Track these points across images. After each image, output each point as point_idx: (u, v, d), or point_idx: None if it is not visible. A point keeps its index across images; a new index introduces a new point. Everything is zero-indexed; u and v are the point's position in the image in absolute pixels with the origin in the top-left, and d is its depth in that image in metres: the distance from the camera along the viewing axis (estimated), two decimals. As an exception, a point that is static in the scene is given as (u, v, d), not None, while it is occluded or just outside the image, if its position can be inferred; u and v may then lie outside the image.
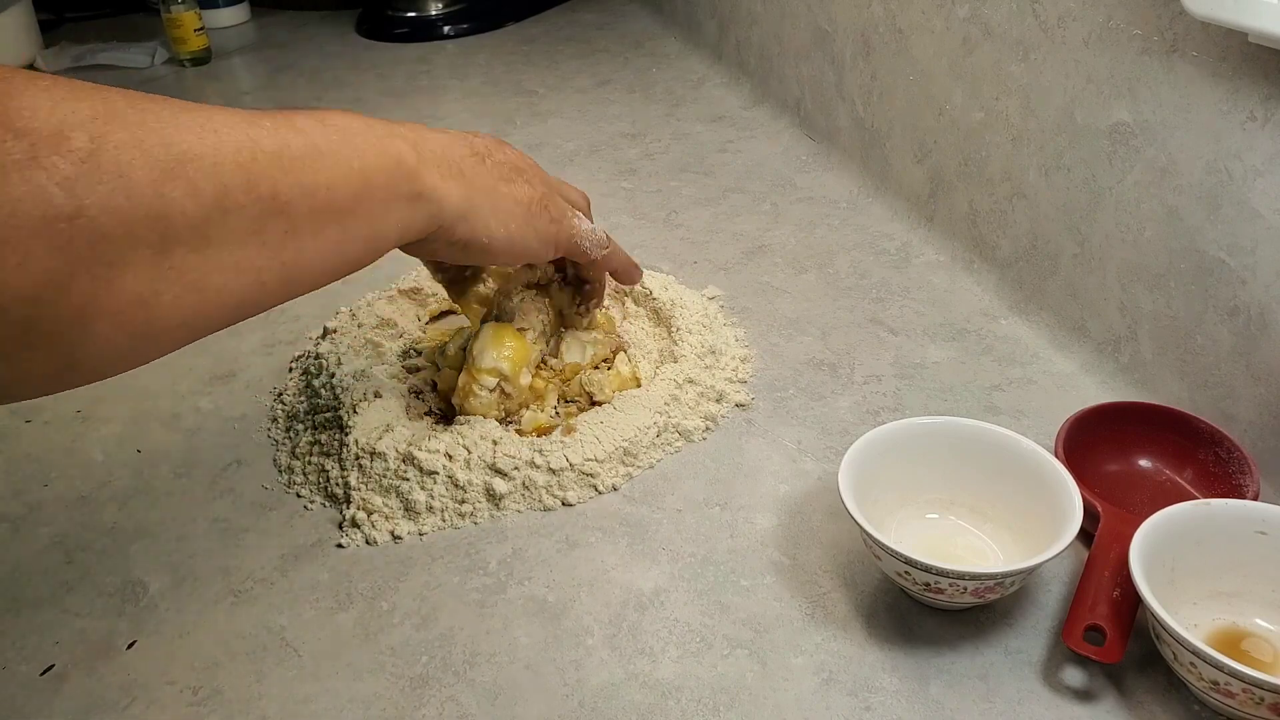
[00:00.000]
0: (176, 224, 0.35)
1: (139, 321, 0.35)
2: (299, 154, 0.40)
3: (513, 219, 0.51)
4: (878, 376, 0.65)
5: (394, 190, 0.44)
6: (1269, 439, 0.53)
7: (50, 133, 0.31)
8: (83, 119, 0.32)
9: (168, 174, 0.34)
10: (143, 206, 0.33)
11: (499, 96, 1.21)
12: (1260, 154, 0.51)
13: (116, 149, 0.33)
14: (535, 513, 0.56)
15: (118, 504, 0.58)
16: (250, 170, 0.37)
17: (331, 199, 0.41)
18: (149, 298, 0.35)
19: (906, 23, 0.81)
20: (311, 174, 0.40)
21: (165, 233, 0.34)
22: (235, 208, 0.37)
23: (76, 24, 1.62)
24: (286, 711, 0.45)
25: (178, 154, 0.35)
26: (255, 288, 0.39)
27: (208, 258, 0.36)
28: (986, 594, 0.45)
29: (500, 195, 0.50)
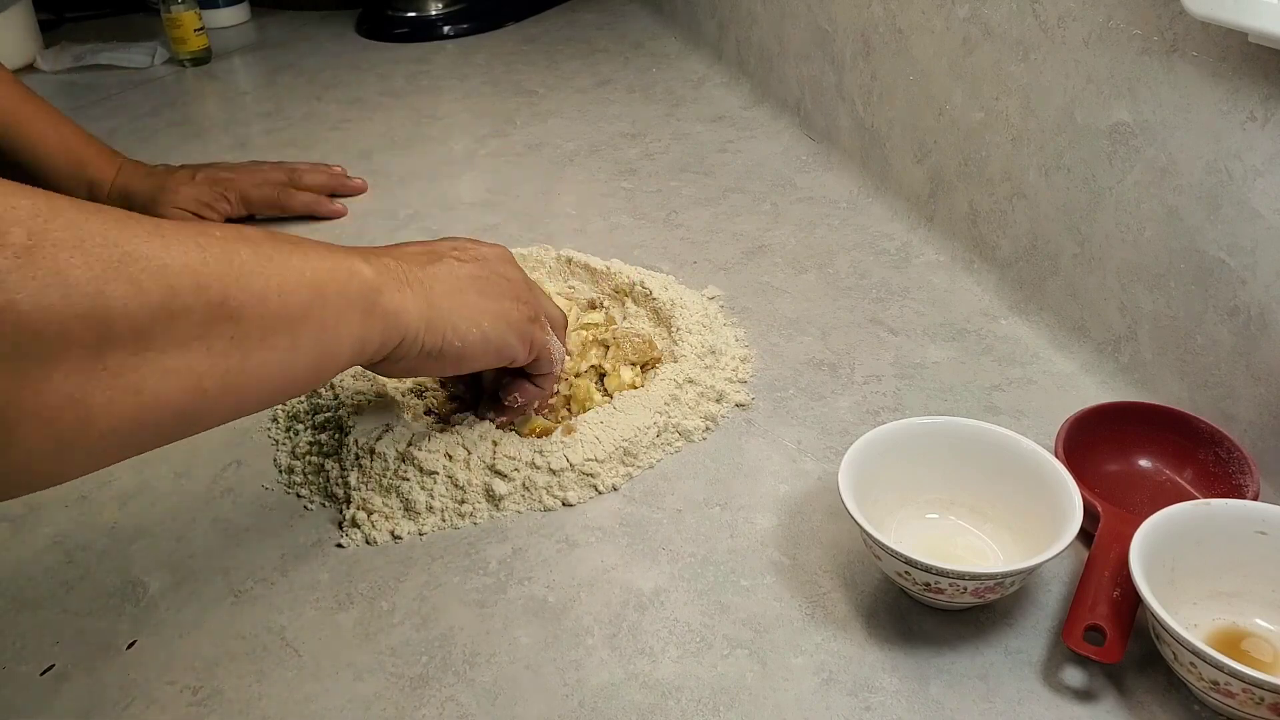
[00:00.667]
0: (116, 325, 0.33)
1: (68, 425, 0.33)
2: (249, 260, 0.38)
3: (485, 317, 0.50)
4: (878, 376, 0.65)
5: (348, 301, 0.43)
6: (1269, 439, 0.53)
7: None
8: (22, 216, 0.31)
9: (111, 272, 0.33)
10: (80, 305, 0.32)
11: (499, 96, 1.21)
12: (1260, 154, 0.51)
13: (55, 246, 0.32)
14: (535, 513, 0.56)
15: (118, 504, 0.58)
16: (200, 273, 0.36)
17: (283, 306, 0.39)
18: (80, 399, 0.33)
19: (906, 23, 0.81)
20: (263, 279, 0.39)
21: (103, 333, 0.33)
22: (182, 310, 0.35)
23: (76, 24, 1.62)
24: (286, 711, 0.45)
25: (122, 254, 0.33)
26: (195, 395, 0.37)
27: (147, 360, 0.35)
28: (986, 594, 0.45)
29: (467, 295, 0.49)
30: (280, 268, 0.40)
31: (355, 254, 0.45)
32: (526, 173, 0.99)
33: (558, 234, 0.85)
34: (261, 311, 0.39)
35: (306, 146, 1.09)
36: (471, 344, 0.49)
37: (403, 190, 0.97)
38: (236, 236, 0.39)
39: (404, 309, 0.46)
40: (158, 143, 1.12)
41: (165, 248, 0.35)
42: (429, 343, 0.48)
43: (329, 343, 0.42)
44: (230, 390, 0.38)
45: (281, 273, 0.40)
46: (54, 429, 0.33)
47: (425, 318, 0.47)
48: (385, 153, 1.06)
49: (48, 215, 0.32)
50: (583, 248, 0.77)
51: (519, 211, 0.91)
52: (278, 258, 0.40)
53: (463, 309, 0.49)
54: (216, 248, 0.37)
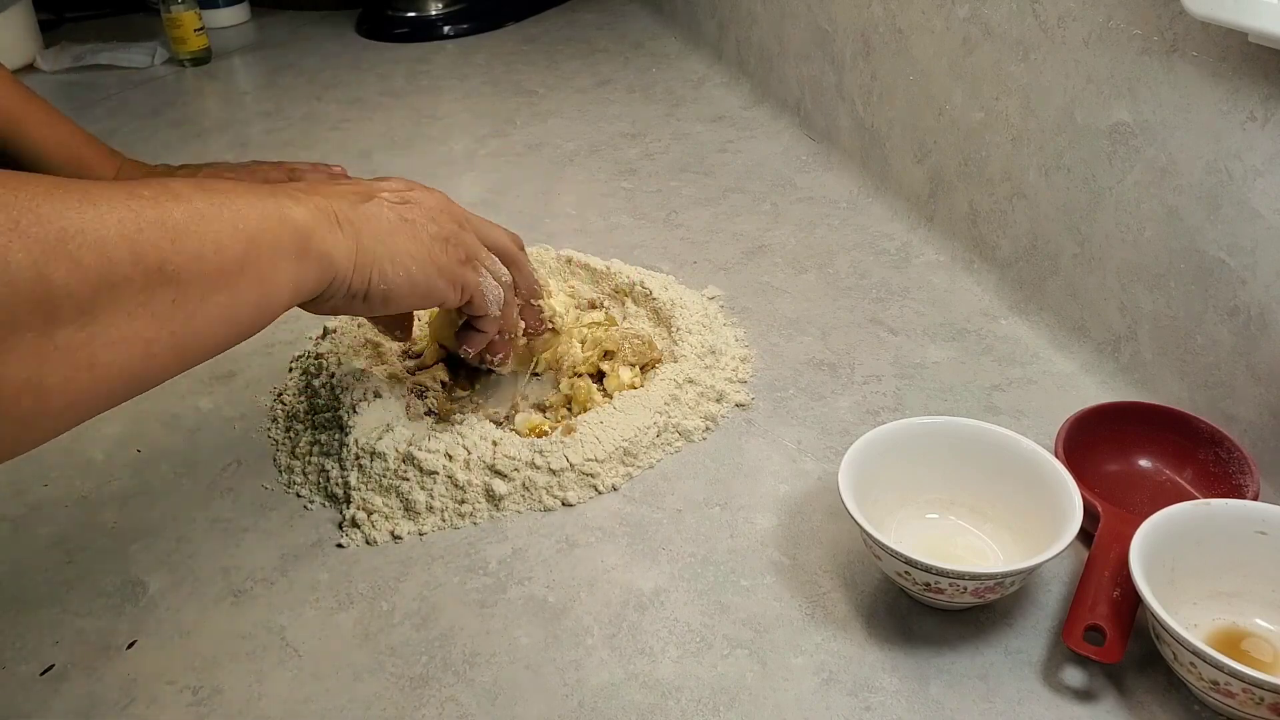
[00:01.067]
0: (60, 303, 0.33)
1: (26, 408, 0.34)
2: (182, 220, 0.38)
3: (413, 261, 0.50)
4: (878, 376, 0.65)
5: (280, 248, 0.43)
6: (1269, 439, 0.53)
7: None
8: None
9: (48, 253, 0.33)
10: (24, 289, 0.32)
11: (499, 96, 1.21)
12: (1260, 154, 0.51)
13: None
14: (535, 513, 0.56)
15: (118, 504, 0.58)
16: (135, 241, 0.36)
17: (219, 263, 0.40)
18: (35, 381, 0.33)
19: (906, 23, 0.81)
20: (197, 239, 0.39)
21: (49, 313, 0.33)
22: (123, 281, 0.36)
23: (76, 24, 1.62)
24: (286, 711, 0.45)
25: (57, 231, 0.33)
26: (145, 360, 0.38)
27: (95, 335, 0.35)
28: (986, 594, 0.45)
29: (396, 238, 0.49)
30: (214, 224, 0.40)
31: (285, 195, 0.45)
32: (526, 173, 0.99)
33: (558, 234, 0.85)
34: (199, 270, 0.39)
35: (306, 146, 1.09)
36: (397, 286, 0.49)
37: (403, 190, 0.97)
38: (167, 195, 0.39)
39: (334, 250, 0.46)
40: (158, 143, 1.12)
41: (99, 219, 0.35)
42: (356, 284, 0.48)
43: (267, 291, 0.43)
44: (178, 349, 0.39)
45: (216, 229, 0.40)
46: (13, 413, 0.33)
47: (353, 259, 0.47)
48: (385, 153, 1.06)
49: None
50: (583, 248, 0.77)
51: (519, 211, 0.91)
52: (209, 213, 0.40)
53: (390, 251, 0.49)
54: (150, 211, 0.37)
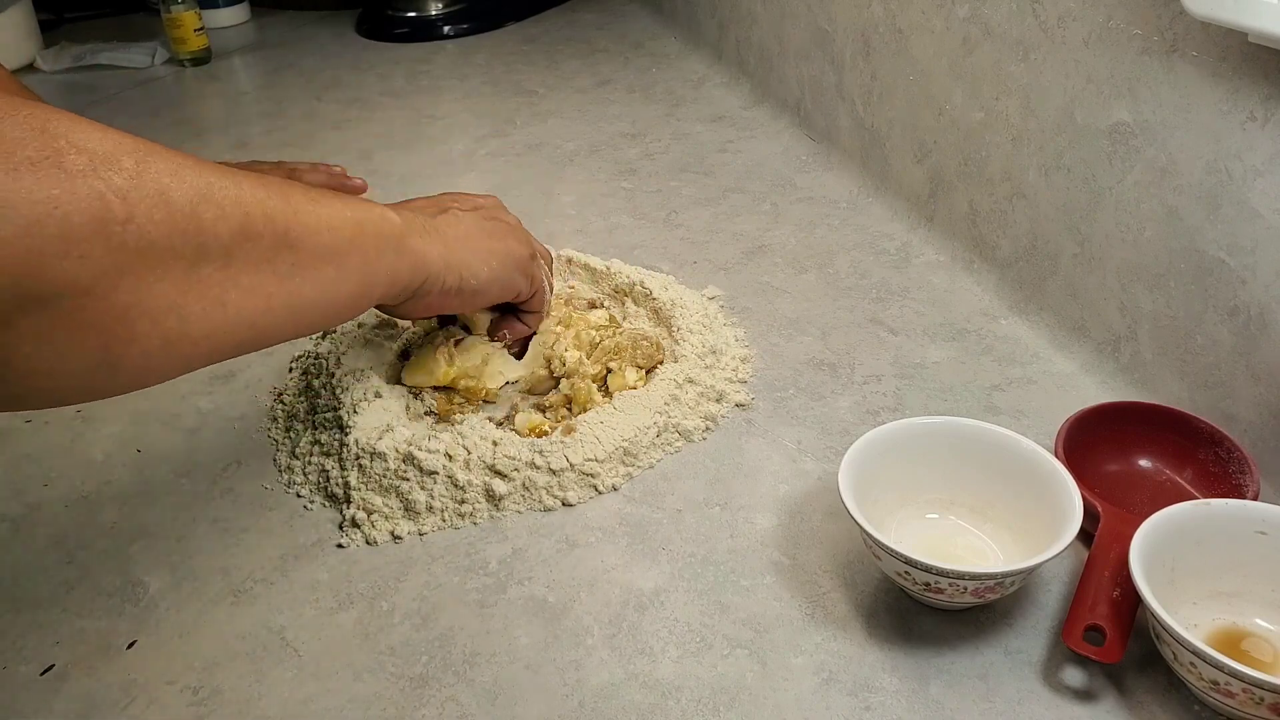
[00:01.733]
0: (208, 242, 0.39)
1: (171, 327, 0.38)
2: (301, 200, 0.45)
3: (494, 257, 0.56)
4: (878, 376, 0.65)
5: (383, 240, 0.49)
6: (1269, 439, 0.53)
7: (105, 153, 0.36)
8: (127, 149, 0.37)
9: (201, 197, 0.39)
10: (181, 222, 0.38)
11: (499, 96, 1.21)
12: (1260, 154, 0.51)
13: (158, 173, 0.37)
14: (535, 513, 0.56)
15: (118, 504, 0.58)
16: (267, 206, 0.42)
17: (332, 239, 0.45)
18: (180, 306, 0.38)
19: (906, 23, 0.81)
20: (314, 216, 0.45)
21: (199, 248, 0.39)
22: (255, 235, 0.41)
23: (76, 24, 1.62)
24: (286, 711, 0.45)
25: (208, 182, 0.39)
26: (265, 312, 0.43)
27: (229, 276, 0.40)
28: (986, 594, 0.45)
29: (477, 239, 0.56)
30: (327, 208, 0.46)
31: (380, 206, 0.51)
32: (526, 173, 0.99)
33: (558, 234, 0.85)
34: (315, 243, 0.44)
35: (306, 146, 1.09)
36: (484, 281, 0.55)
37: (403, 190, 0.97)
38: (287, 184, 0.45)
39: (428, 251, 0.52)
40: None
41: (237, 184, 0.41)
42: (449, 281, 0.53)
43: (369, 273, 0.48)
44: (291, 310, 0.44)
45: (329, 211, 0.46)
46: (160, 330, 0.38)
47: (444, 259, 0.53)
48: (385, 153, 1.06)
49: (147, 150, 0.38)
50: (583, 248, 0.77)
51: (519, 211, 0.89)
52: (323, 200, 0.46)
53: (474, 251, 0.55)
54: (275, 187, 0.43)
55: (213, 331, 0.40)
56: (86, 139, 0.35)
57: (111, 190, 0.35)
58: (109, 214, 0.35)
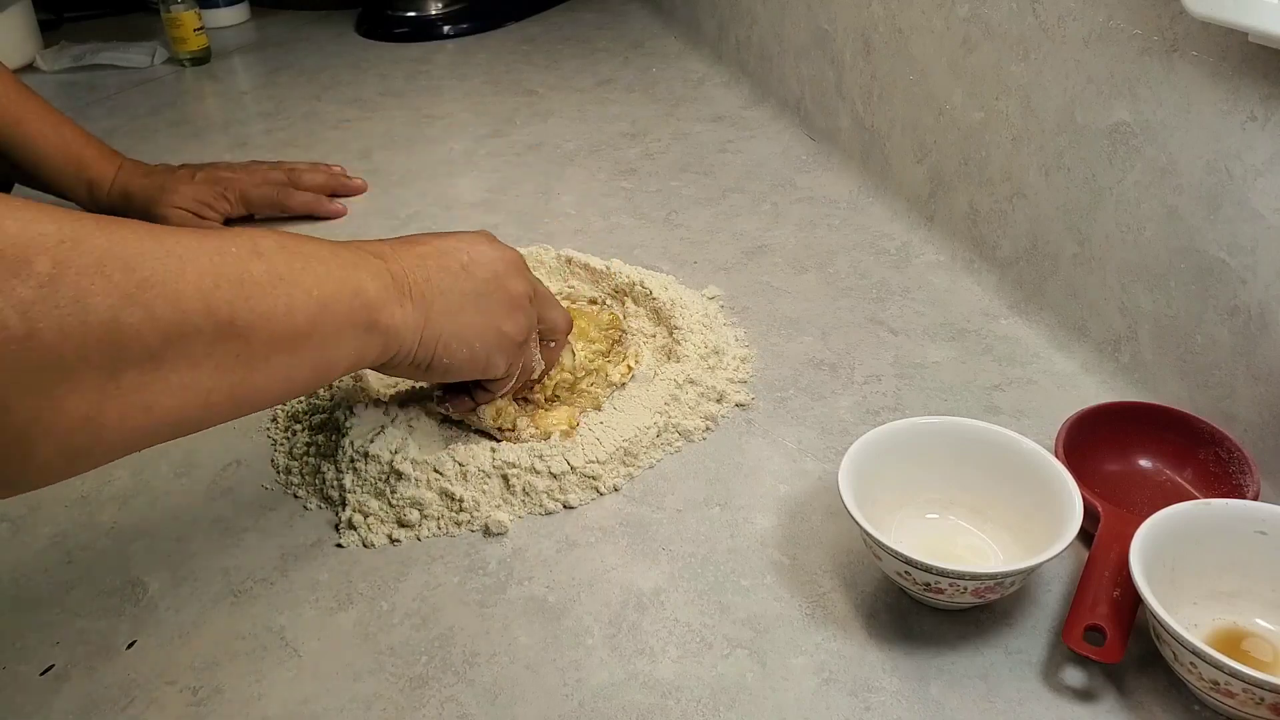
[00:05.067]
0: (131, 348, 0.35)
1: (81, 441, 0.35)
2: (260, 280, 0.40)
3: (478, 338, 0.51)
4: (878, 376, 0.65)
5: (349, 319, 0.45)
6: (1269, 439, 0.53)
7: (14, 256, 0.32)
8: (49, 244, 0.33)
9: (127, 299, 0.35)
10: (98, 331, 0.34)
11: (499, 96, 1.21)
12: (1260, 154, 0.51)
13: (78, 274, 0.33)
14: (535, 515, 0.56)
15: (118, 504, 0.58)
16: (211, 297, 0.38)
17: (288, 325, 0.41)
18: (94, 417, 0.35)
19: (906, 23, 0.81)
20: (270, 300, 0.40)
21: (118, 356, 0.35)
22: (193, 332, 0.37)
23: (76, 24, 1.62)
24: (286, 711, 0.45)
25: (139, 280, 0.35)
26: (202, 408, 0.39)
27: (158, 379, 0.37)
28: (986, 594, 0.45)
29: (465, 314, 0.51)
30: (289, 288, 0.41)
31: (364, 264, 0.46)
32: (526, 173, 0.99)
33: (558, 234, 0.85)
34: (268, 330, 0.40)
35: (306, 146, 1.09)
36: (459, 361, 0.51)
37: (403, 190, 0.97)
38: (251, 252, 0.41)
39: (402, 325, 0.48)
40: (158, 143, 1.12)
41: (181, 272, 0.37)
42: (420, 356, 0.50)
43: (328, 357, 0.44)
44: (234, 401, 0.41)
45: (289, 293, 0.41)
46: (68, 444, 0.35)
47: (420, 333, 0.49)
48: (385, 153, 1.06)
49: (72, 242, 0.34)
50: (583, 248, 0.77)
51: (519, 211, 0.91)
52: (288, 276, 0.42)
53: (457, 327, 0.50)
54: (231, 267, 0.39)
55: (133, 437, 0.37)
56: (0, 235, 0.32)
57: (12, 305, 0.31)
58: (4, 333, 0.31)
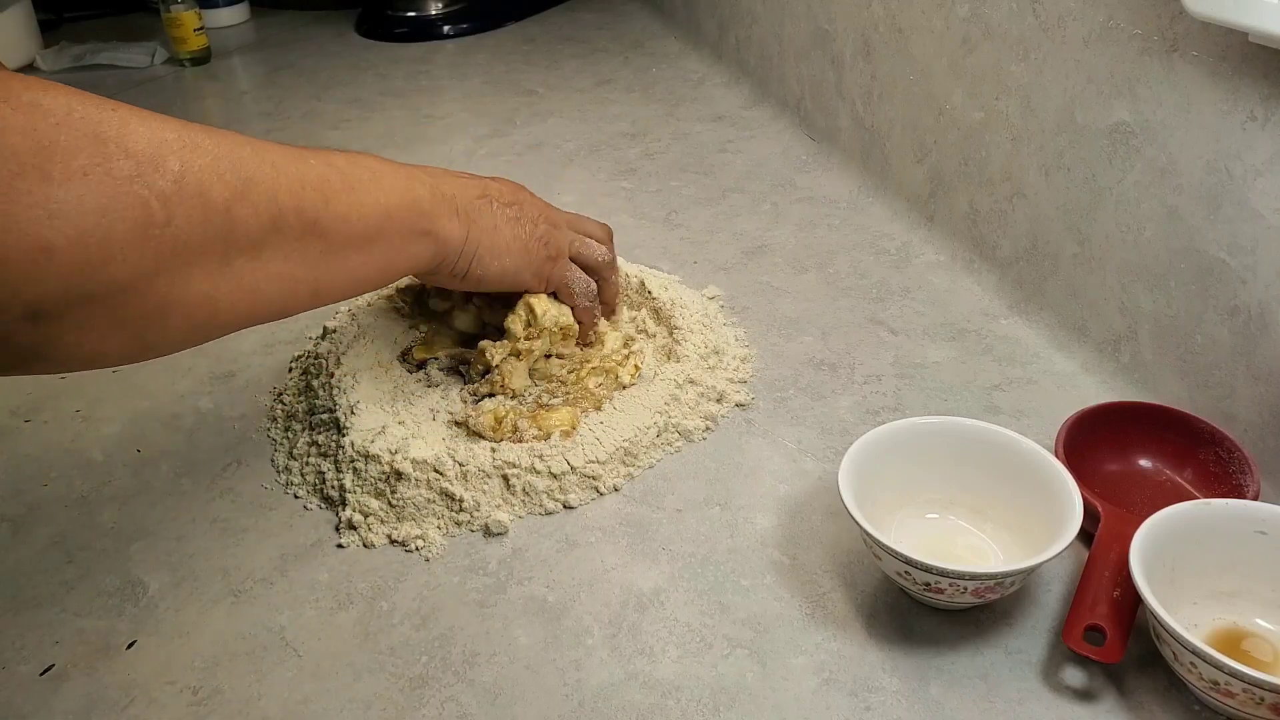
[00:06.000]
0: (239, 238, 0.41)
1: (203, 315, 0.41)
2: (338, 188, 0.47)
3: (509, 255, 0.58)
4: (878, 376, 0.65)
5: (410, 226, 0.52)
6: (1269, 439, 0.53)
7: (151, 155, 0.38)
8: (174, 147, 0.39)
9: (237, 196, 0.41)
10: (217, 220, 0.40)
11: (499, 96, 1.21)
12: (1260, 154, 0.51)
13: (200, 172, 0.39)
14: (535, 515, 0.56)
15: (118, 504, 0.58)
16: (300, 197, 0.44)
17: (361, 228, 0.48)
18: (212, 296, 0.41)
19: (906, 23, 0.81)
20: (346, 205, 0.47)
21: (230, 243, 0.41)
22: (286, 227, 0.44)
23: (76, 24, 1.62)
24: (286, 711, 0.45)
25: (244, 178, 0.42)
26: (292, 296, 0.46)
27: (259, 266, 0.43)
28: (986, 594, 0.45)
29: (500, 234, 0.58)
30: (360, 195, 0.48)
31: (421, 180, 0.53)
32: (526, 173, 0.99)
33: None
34: (344, 231, 0.47)
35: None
36: (491, 273, 0.58)
37: (403, 190, 0.97)
38: (327, 164, 0.47)
39: (451, 234, 0.54)
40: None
41: (275, 176, 0.43)
42: (460, 266, 0.56)
43: (392, 258, 0.51)
44: (317, 292, 0.47)
45: (360, 199, 0.48)
46: (192, 319, 0.41)
47: (463, 245, 0.55)
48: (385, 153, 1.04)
49: (192, 146, 0.40)
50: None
51: (519, 211, 0.91)
52: (359, 186, 0.48)
53: (493, 243, 0.57)
54: (313, 174, 0.46)
55: (240, 315, 0.43)
56: (135, 140, 0.38)
57: (155, 195, 0.37)
58: (150, 219, 0.37)
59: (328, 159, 0.48)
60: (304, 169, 0.46)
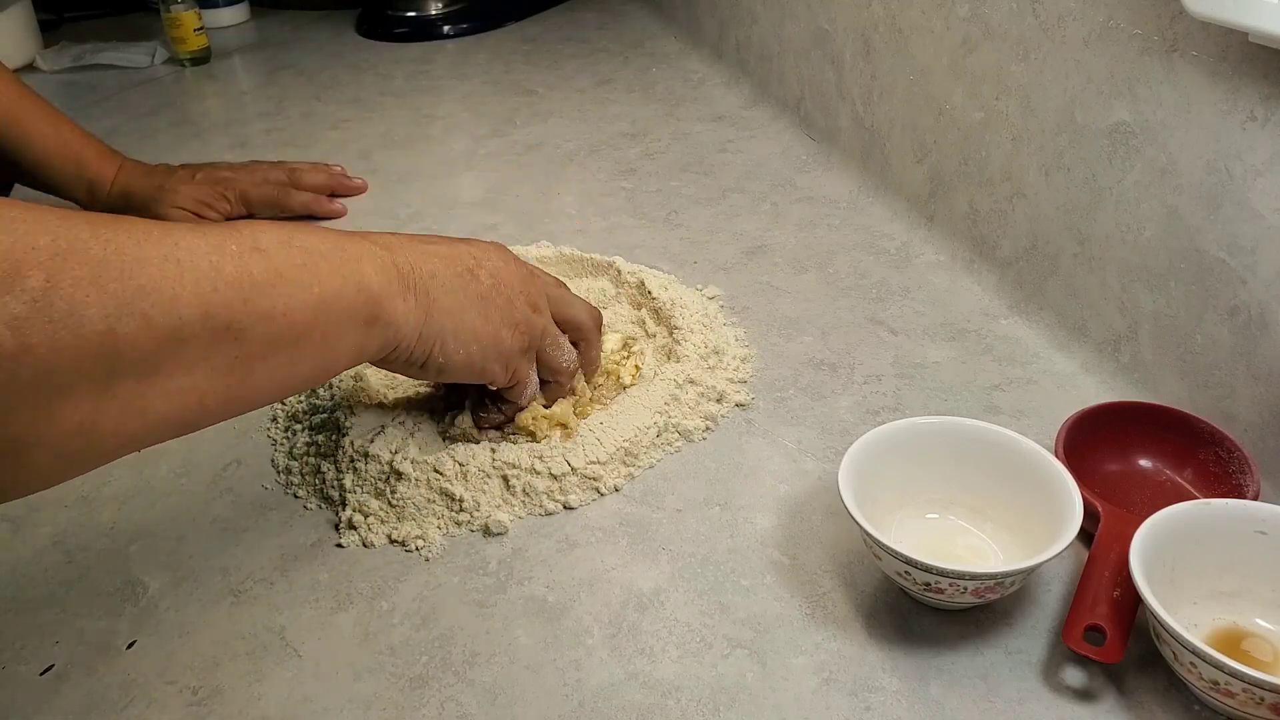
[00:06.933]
0: (126, 357, 0.35)
1: (76, 449, 0.35)
2: (260, 280, 0.39)
3: (475, 342, 0.51)
4: (878, 376, 0.65)
5: (351, 315, 0.44)
6: (1269, 439, 0.53)
7: (6, 271, 0.31)
8: (42, 258, 0.32)
9: (122, 309, 0.34)
10: (92, 343, 0.33)
11: (499, 96, 1.21)
12: (1260, 154, 0.51)
13: (72, 287, 0.33)
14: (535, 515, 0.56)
15: (118, 504, 0.58)
16: (209, 300, 0.37)
17: (288, 325, 0.41)
18: (89, 426, 0.35)
19: (906, 23, 0.81)
20: (270, 301, 0.40)
21: (113, 366, 0.34)
22: (189, 338, 0.37)
23: (76, 24, 1.62)
24: (286, 711, 0.45)
25: (135, 288, 0.35)
26: (197, 410, 0.39)
27: (153, 385, 0.36)
28: (986, 594, 0.45)
29: (466, 315, 0.50)
30: (289, 286, 0.41)
31: (368, 255, 0.46)
32: (526, 172, 0.99)
33: (558, 234, 0.85)
34: (266, 331, 0.40)
35: (306, 146, 1.09)
36: (455, 363, 0.51)
37: (403, 190, 0.97)
38: (252, 248, 0.40)
39: (404, 319, 0.47)
40: (158, 143, 1.12)
41: (179, 277, 0.36)
42: (417, 353, 0.49)
43: (329, 355, 0.44)
44: (230, 402, 0.40)
45: (289, 293, 0.41)
46: (63, 451, 0.35)
47: (419, 331, 0.48)
48: (385, 152, 1.06)
49: (66, 254, 0.33)
50: (583, 248, 0.77)
51: (519, 211, 0.91)
52: (289, 274, 0.41)
53: (456, 328, 0.50)
54: (230, 266, 0.38)
55: (128, 441, 0.37)
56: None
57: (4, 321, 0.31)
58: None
59: (254, 238, 0.40)
60: (220, 260, 0.38)
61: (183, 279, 0.36)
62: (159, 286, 0.35)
